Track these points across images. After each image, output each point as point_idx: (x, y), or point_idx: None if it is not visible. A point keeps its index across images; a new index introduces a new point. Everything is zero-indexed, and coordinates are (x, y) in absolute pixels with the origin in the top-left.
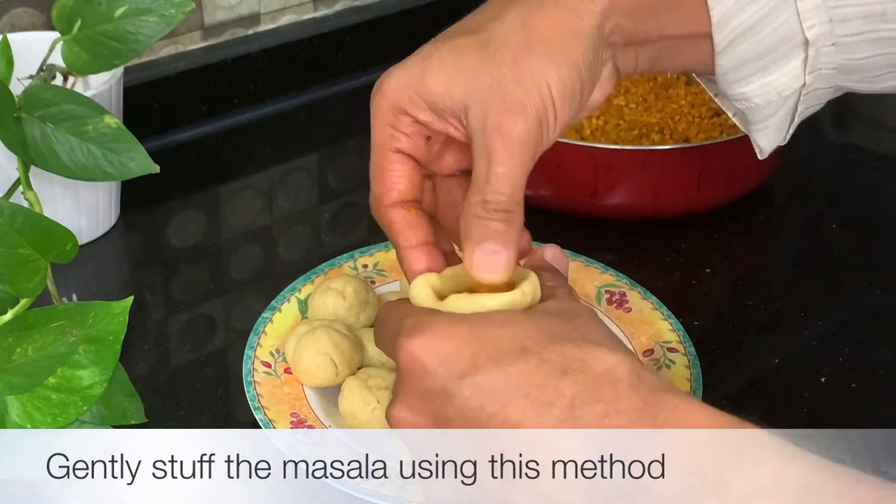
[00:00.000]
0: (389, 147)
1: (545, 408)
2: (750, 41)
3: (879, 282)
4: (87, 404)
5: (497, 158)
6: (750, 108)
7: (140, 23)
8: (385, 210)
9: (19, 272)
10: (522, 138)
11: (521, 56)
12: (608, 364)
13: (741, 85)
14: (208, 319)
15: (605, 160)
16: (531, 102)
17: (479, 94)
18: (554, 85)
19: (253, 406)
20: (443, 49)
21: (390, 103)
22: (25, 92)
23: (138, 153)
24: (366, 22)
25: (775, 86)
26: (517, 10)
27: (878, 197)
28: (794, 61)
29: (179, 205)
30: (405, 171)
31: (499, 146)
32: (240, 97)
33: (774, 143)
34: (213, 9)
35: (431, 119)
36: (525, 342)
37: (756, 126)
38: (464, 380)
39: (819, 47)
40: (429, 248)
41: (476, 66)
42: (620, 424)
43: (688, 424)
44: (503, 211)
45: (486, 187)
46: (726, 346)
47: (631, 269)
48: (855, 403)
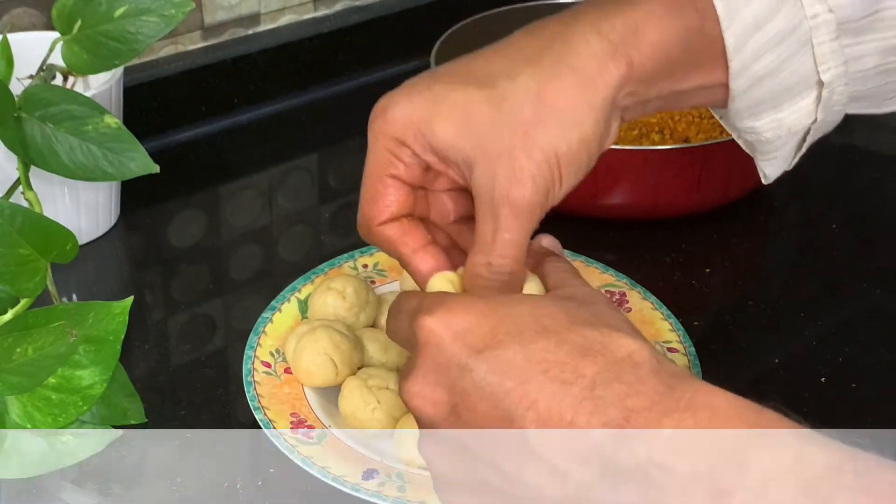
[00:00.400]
0: (386, 172)
1: (565, 386)
2: (767, 85)
3: (879, 282)
4: (87, 404)
5: (504, 226)
6: (759, 140)
7: (140, 23)
8: (377, 230)
9: (19, 272)
10: (529, 207)
11: (532, 128)
12: (629, 349)
13: (751, 120)
14: (208, 319)
15: (605, 160)
16: (540, 174)
17: (487, 158)
18: (563, 158)
19: (253, 406)
20: (453, 96)
21: (394, 133)
22: (25, 92)
23: (138, 153)
24: (366, 22)
25: (786, 122)
26: (532, 74)
27: (878, 197)
28: (806, 99)
29: (179, 205)
30: (399, 196)
31: (506, 214)
32: (240, 97)
33: (780, 171)
34: (213, 9)
35: (433, 161)
36: (545, 321)
37: (764, 157)
38: (482, 353)
39: (833, 87)
40: (432, 247)
41: (487, 128)
42: (642, 405)
43: (709, 407)
44: (508, 273)
45: (492, 251)
46: (726, 346)
47: (631, 269)
48: (855, 403)
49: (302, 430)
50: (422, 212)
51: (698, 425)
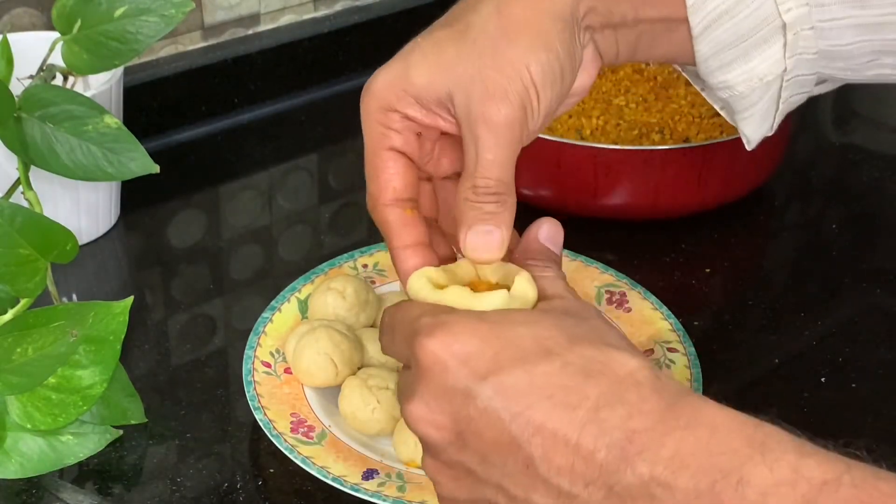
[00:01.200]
0: (381, 146)
1: (569, 410)
2: (726, 24)
3: (879, 282)
4: (87, 404)
5: (484, 145)
6: (733, 96)
7: (140, 23)
8: (381, 209)
9: (19, 272)
10: (507, 123)
11: (499, 44)
12: (629, 367)
13: (723, 72)
14: (208, 319)
15: (605, 160)
16: (513, 88)
17: (461, 84)
18: (534, 69)
19: (253, 406)
20: (423, 44)
21: (379, 102)
22: (25, 92)
23: (138, 153)
24: (366, 22)
25: (756, 72)
26: (492, 1)
27: (878, 197)
28: (773, 46)
29: (179, 205)
30: (398, 169)
31: (484, 132)
32: (240, 97)
33: (761, 133)
34: (213, 9)
35: (419, 114)
36: (547, 342)
37: (741, 115)
38: (487, 380)
39: (797, 30)
40: (422, 248)
41: (456, 56)
42: (644, 426)
43: (709, 425)
44: (493, 194)
45: (475, 173)
46: (726, 346)
47: (631, 269)
48: (855, 403)
49: (302, 430)
50: (431, 211)
51: (698, 443)
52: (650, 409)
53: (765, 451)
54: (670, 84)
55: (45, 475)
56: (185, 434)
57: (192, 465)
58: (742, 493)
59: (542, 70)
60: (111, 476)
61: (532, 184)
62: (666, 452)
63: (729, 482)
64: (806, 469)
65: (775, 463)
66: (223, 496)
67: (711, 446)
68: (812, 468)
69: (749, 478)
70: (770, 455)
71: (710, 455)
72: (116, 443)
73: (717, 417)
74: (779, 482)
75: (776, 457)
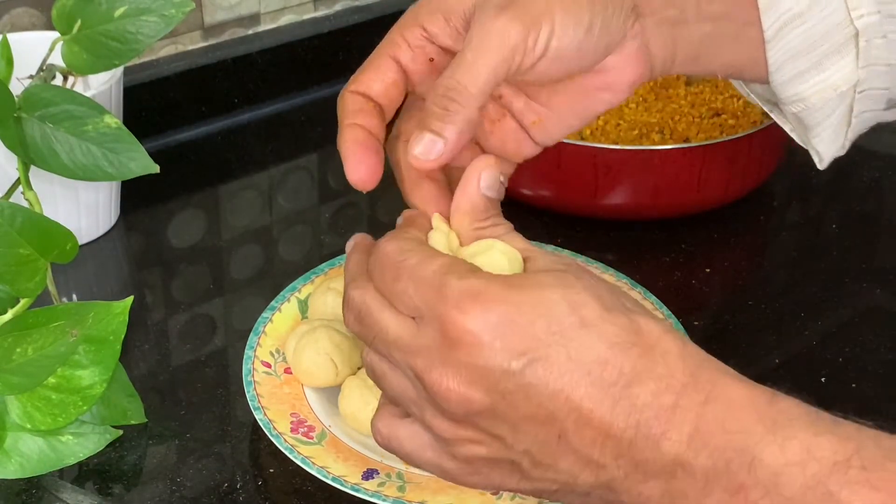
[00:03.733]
0: (388, 51)
1: (605, 388)
2: (798, 29)
3: (879, 282)
4: (87, 404)
5: (469, 44)
6: (806, 109)
7: (140, 23)
8: (347, 94)
9: (19, 272)
10: (502, 31)
11: None
12: (656, 334)
13: (795, 84)
14: (208, 319)
15: (605, 160)
16: (529, 6)
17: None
18: (559, 3)
19: (253, 406)
20: None
21: (410, 17)
22: (25, 92)
23: (138, 153)
24: (366, 22)
25: (830, 82)
26: None
27: (878, 197)
28: (847, 57)
29: (179, 205)
30: (388, 77)
31: (477, 32)
32: (240, 97)
33: (833, 150)
34: (213, 9)
35: (442, 32)
36: (582, 311)
37: (814, 131)
38: (525, 355)
39: (869, 38)
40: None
41: None
42: (671, 402)
43: (725, 400)
44: (450, 99)
45: (448, 73)
46: (726, 346)
47: (631, 269)
48: (855, 403)
49: (302, 430)
50: None
51: (715, 420)
52: (676, 382)
53: (776, 430)
54: (670, 84)
55: (45, 475)
56: (185, 434)
57: (192, 465)
58: (756, 474)
59: (565, 8)
60: (111, 476)
61: (532, 184)
62: (687, 429)
63: (743, 461)
64: (817, 449)
65: (787, 442)
66: (223, 496)
67: (727, 424)
68: (823, 448)
69: (762, 457)
70: (781, 433)
71: (725, 433)
72: (116, 443)
73: (733, 391)
74: (790, 462)
75: (788, 434)
